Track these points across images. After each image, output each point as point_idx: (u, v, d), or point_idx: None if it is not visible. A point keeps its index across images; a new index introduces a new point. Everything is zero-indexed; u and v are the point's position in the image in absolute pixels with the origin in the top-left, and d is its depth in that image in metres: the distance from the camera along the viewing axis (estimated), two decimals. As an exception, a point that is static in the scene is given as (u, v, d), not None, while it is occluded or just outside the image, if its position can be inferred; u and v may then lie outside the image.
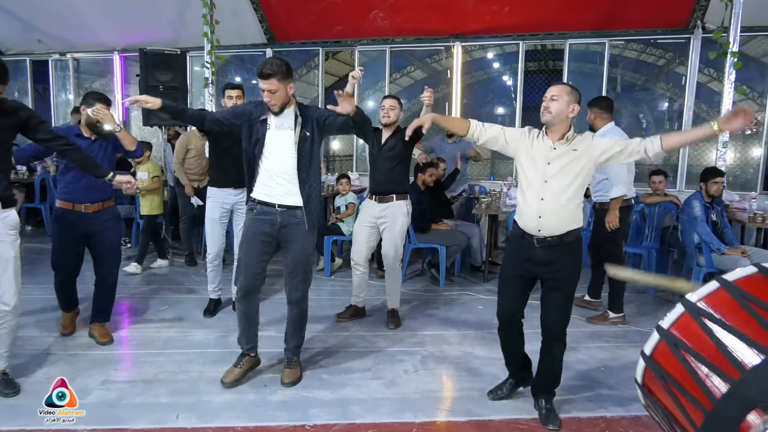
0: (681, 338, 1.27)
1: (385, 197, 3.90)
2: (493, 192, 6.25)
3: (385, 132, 3.93)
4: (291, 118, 2.86)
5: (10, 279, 2.72)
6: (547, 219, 2.58)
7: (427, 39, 7.38)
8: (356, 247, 4.02)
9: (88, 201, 3.36)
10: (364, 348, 3.59)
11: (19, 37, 8.74)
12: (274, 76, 2.72)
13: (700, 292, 1.28)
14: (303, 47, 8.02)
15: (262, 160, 2.87)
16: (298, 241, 2.92)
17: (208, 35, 6.30)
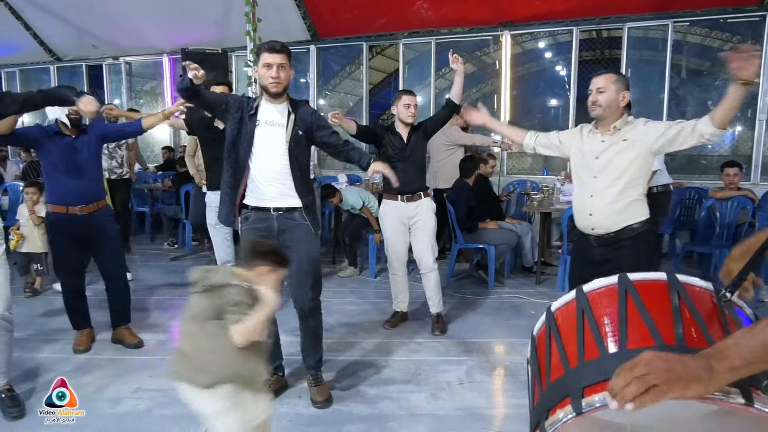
0: (556, 321, 1.28)
1: (414, 196, 3.71)
2: (545, 188, 5.90)
3: (404, 130, 3.72)
4: (283, 114, 2.63)
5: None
6: (598, 216, 2.48)
7: (474, 29, 7.07)
8: (393, 253, 3.83)
9: (81, 203, 3.23)
10: (404, 357, 3.39)
11: (76, 44, 9.04)
12: (285, 51, 2.54)
13: (594, 284, 1.27)
14: (347, 42, 7.88)
15: (252, 160, 2.60)
16: (302, 245, 2.66)
17: (250, 33, 6.24)
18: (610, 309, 1.20)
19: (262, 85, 2.58)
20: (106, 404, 2.77)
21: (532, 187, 6.33)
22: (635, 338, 1.11)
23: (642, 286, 1.23)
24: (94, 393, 2.88)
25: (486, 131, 6.01)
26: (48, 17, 8.56)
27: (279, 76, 2.52)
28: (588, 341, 1.16)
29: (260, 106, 2.62)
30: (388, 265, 3.89)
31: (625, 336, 1.12)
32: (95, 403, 2.78)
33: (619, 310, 1.17)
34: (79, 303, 3.45)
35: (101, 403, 2.78)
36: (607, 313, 1.20)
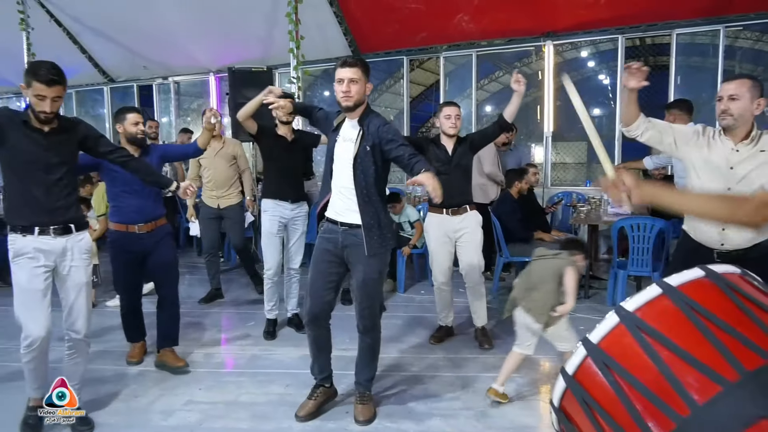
0: (612, 357, 1.02)
1: (460, 209, 3.68)
2: (592, 199, 5.76)
3: (448, 142, 3.70)
4: (354, 130, 2.64)
5: (82, 306, 2.65)
6: (732, 231, 2.31)
7: (515, 40, 7.00)
8: (437, 267, 3.78)
9: (141, 221, 3.29)
10: (452, 373, 3.34)
11: (127, 65, 9.41)
12: (358, 66, 2.56)
13: (638, 300, 1.04)
14: (387, 57, 7.93)
15: (332, 174, 2.70)
16: (360, 265, 2.66)
17: (293, 51, 6.35)
18: (679, 327, 0.99)
19: (337, 101, 2.62)
20: (158, 416, 2.83)
21: (578, 198, 6.19)
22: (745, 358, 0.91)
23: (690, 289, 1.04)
24: (147, 405, 2.94)
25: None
26: (102, 41, 8.96)
27: (349, 90, 2.55)
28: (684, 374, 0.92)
29: (343, 122, 2.69)
30: (433, 279, 3.86)
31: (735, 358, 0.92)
32: (147, 414, 2.84)
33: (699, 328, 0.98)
34: (135, 318, 3.52)
35: (153, 415, 2.84)
36: (680, 333, 0.99)
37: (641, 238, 4.22)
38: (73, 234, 2.60)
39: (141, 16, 8.05)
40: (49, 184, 2.51)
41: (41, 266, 2.51)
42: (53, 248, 2.53)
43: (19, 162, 2.48)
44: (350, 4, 7.05)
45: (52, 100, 2.41)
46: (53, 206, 2.52)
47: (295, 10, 6.16)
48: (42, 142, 2.48)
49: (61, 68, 2.48)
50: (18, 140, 2.45)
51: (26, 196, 2.50)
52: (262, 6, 7.21)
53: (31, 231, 2.50)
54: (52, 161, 2.51)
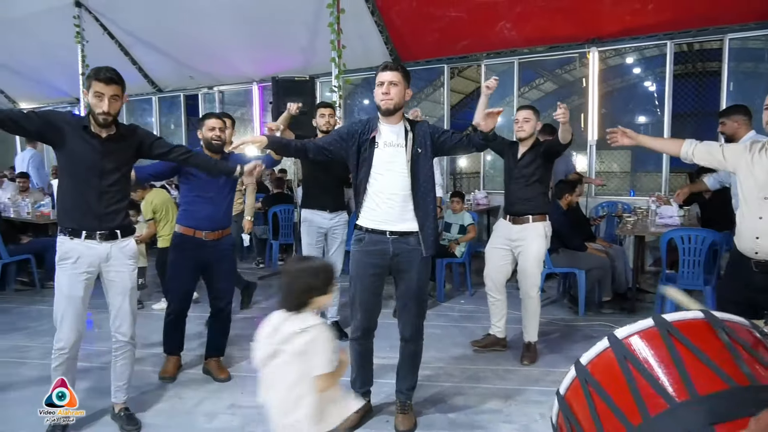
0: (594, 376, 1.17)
1: (520, 218, 3.56)
2: (639, 209, 5.60)
3: (521, 146, 3.61)
4: (401, 134, 2.62)
5: (127, 310, 2.69)
6: (765, 240, 2.32)
7: (558, 47, 6.91)
8: (489, 272, 3.72)
9: (208, 228, 3.29)
10: (494, 385, 3.28)
11: (175, 75, 9.73)
12: (399, 70, 2.56)
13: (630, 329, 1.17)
14: (428, 65, 7.94)
15: (371, 182, 2.60)
16: (413, 271, 2.64)
17: (335, 60, 6.44)
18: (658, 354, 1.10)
19: (377, 104, 2.60)
20: (203, 419, 2.88)
21: (624, 208, 6.03)
22: (703, 383, 1.02)
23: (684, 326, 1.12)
24: (192, 407, 3.00)
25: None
26: (152, 52, 9.30)
27: (389, 92, 2.53)
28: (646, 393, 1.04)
29: (378, 128, 2.62)
30: (485, 281, 3.79)
31: (690, 381, 1.02)
32: (192, 416, 2.90)
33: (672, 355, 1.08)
34: (177, 328, 3.46)
35: (198, 417, 2.89)
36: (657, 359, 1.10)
37: (692, 251, 4.07)
38: (119, 240, 2.62)
39: (189, 29, 8.32)
40: (102, 189, 2.54)
41: (83, 272, 2.55)
42: (98, 253, 2.57)
43: (75, 166, 2.52)
44: (391, 14, 7.10)
45: (110, 99, 2.45)
46: (103, 212, 2.55)
47: (338, 20, 6.25)
48: (99, 148, 2.52)
49: (119, 73, 2.53)
50: (76, 145, 2.50)
51: (78, 200, 2.54)
52: (304, 17, 7.34)
53: (79, 234, 2.53)
54: (107, 167, 2.54)
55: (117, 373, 2.78)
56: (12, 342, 3.99)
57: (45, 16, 8.96)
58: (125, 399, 2.82)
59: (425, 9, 6.81)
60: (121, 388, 2.80)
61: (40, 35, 9.29)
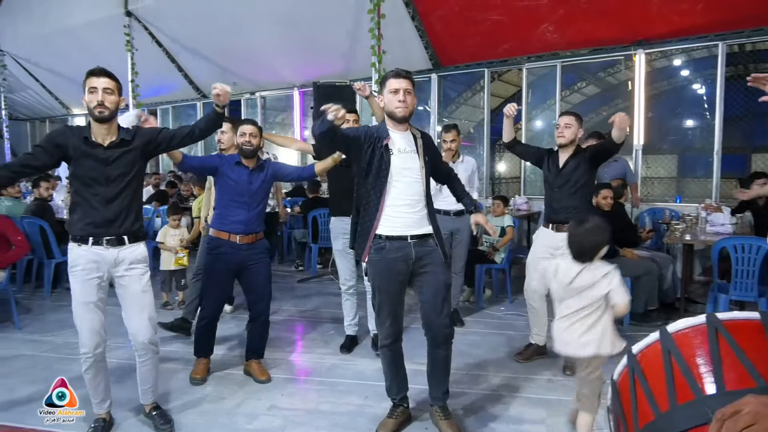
0: (640, 365, 1.22)
1: (564, 226, 3.43)
2: (688, 217, 5.40)
3: (562, 153, 3.54)
4: (411, 141, 2.67)
5: (140, 314, 2.65)
6: None
7: (603, 50, 6.75)
8: (531, 282, 3.63)
9: (242, 232, 3.31)
10: (534, 395, 3.21)
11: (218, 81, 9.89)
12: (410, 78, 2.59)
13: (682, 324, 1.20)
14: (468, 69, 7.89)
15: (388, 190, 2.58)
16: (437, 272, 2.64)
17: (375, 65, 6.48)
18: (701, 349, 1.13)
19: (389, 111, 2.60)
20: (243, 419, 2.92)
21: (672, 215, 5.83)
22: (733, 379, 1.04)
23: (733, 325, 1.15)
24: (232, 408, 3.05)
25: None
26: (197, 59, 9.57)
27: (406, 100, 2.56)
28: (679, 383, 1.09)
29: (390, 136, 2.61)
30: (524, 290, 3.73)
31: (722, 377, 1.05)
32: (233, 417, 2.94)
33: (711, 350, 1.10)
34: (209, 331, 3.49)
35: (239, 417, 2.93)
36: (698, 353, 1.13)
37: (746, 260, 3.89)
38: (126, 245, 2.59)
39: (232, 36, 8.53)
40: (109, 197, 2.53)
41: (94, 278, 2.55)
42: (105, 259, 2.55)
43: (80, 176, 2.52)
44: (432, 18, 7.10)
45: (103, 92, 2.45)
46: (109, 218, 2.54)
47: (378, 26, 6.29)
48: (102, 156, 2.51)
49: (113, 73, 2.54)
50: (80, 156, 2.49)
51: (85, 207, 2.53)
52: (345, 23, 7.41)
53: (86, 241, 2.53)
54: (111, 174, 2.53)
55: (141, 377, 2.78)
56: (64, 339, 4.14)
57: (97, 25, 9.36)
58: (153, 399, 2.83)
59: (466, 13, 6.78)
60: (148, 390, 2.80)
61: (92, 43, 9.69)
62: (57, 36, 10.13)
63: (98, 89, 2.46)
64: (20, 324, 4.51)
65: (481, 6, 6.62)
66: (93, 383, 2.65)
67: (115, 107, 2.52)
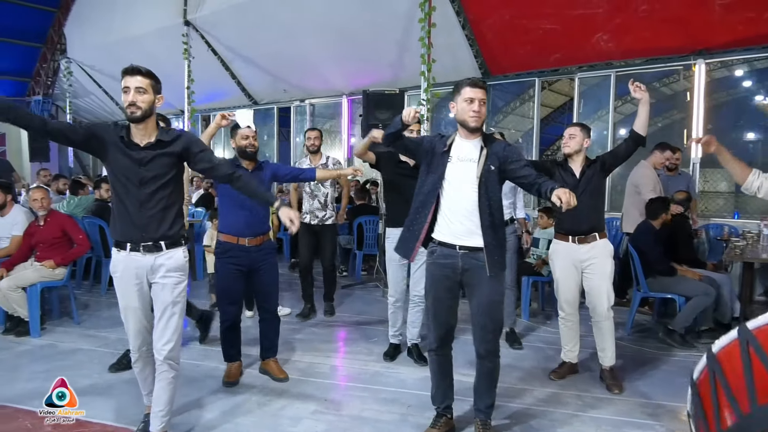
0: (720, 364, 1.19)
1: (588, 237, 3.41)
2: (748, 233, 5.15)
3: (574, 163, 3.46)
4: (476, 150, 2.61)
5: (165, 327, 2.49)
6: None
7: (660, 59, 6.54)
8: (562, 296, 3.55)
9: (249, 235, 3.37)
10: (581, 411, 3.12)
11: (269, 89, 10.22)
12: (485, 87, 2.58)
13: (762, 320, 1.18)
14: (518, 78, 7.80)
15: (443, 196, 2.62)
16: (483, 287, 2.59)
17: (425, 74, 6.49)
18: None
19: (461, 120, 2.59)
20: (287, 422, 2.96)
21: (731, 231, 5.58)
22: None
23: None
24: (277, 410, 3.10)
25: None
26: (250, 67, 9.83)
27: (480, 110, 2.54)
28: (760, 381, 1.06)
29: (454, 143, 2.64)
30: (558, 308, 3.65)
31: None
32: (278, 420, 2.99)
33: None
34: (234, 334, 3.51)
35: (283, 420, 2.98)
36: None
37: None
38: (164, 251, 2.48)
39: (284, 45, 8.72)
40: (142, 199, 2.43)
41: (133, 284, 2.48)
42: (142, 265, 2.47)
43: (116, 177, 2.44)
44: (483, 27, 7.06)
45: (136, 90, 2.35)
46: (144, 222, 2.44)
47: (428, 35, 6.31)
48: (136, 156, 2.42)
49: (151, 70, 2.45)
50: (116, 155, 2.42)
51: (122, 211, 2.46)
52: (394, 32, 7.47)
53: (124, 247, 2.47)
54: (146, 176, 2.42)
55: (155, 394, 2.58)
56: (117, 335, 4.29)
57: (158, 34, 9.76)
58: (163, 426, 2.57)
59: (518, 22, 6.71)
60: (157, 414, 2.55)
61: (152, 51, 10.10)
62: (120, 44, 10.62)
63: (130, 88, 2.36)
64: (78, 319, 4.73)
65: (534, 15, 6.54)
66: (141, 375, 2.67)
67: (149, 106, 2.39)
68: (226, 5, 8.79)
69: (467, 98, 2.54)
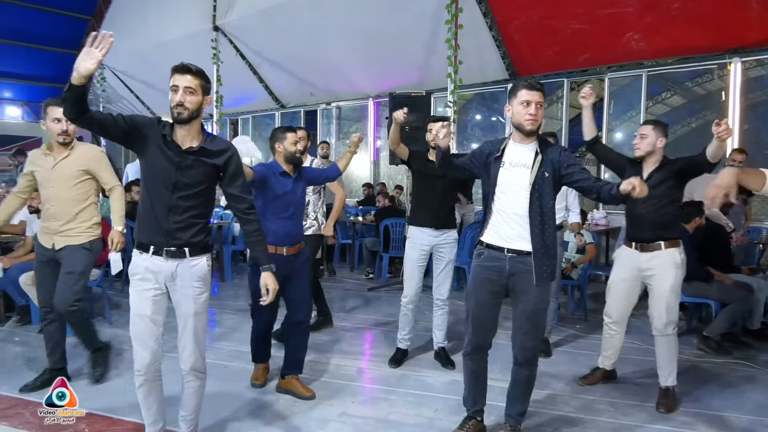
0: None
1: (651, 245, 3.21)
2: (787, 237, 4.99)
3: (646, 165, 3.25)
4: (530, 155, 2.55)
5: (188, 338, 2.40)
6: None
7: (694, 58, 6.39)
8: (613, 304, 3.39)
9: (289, 243, 3.26)
10: (616, 420, 3.05)
11: (297, 92, 10.32)
12: (543, 90, 2.51)
13: None
14: (546, 79, 7.70)
15: (495, 200, 2.59)
16: (529, 293, 2.54)
17: (451, 76, 6.46)
18: None
19: (517, 123, 2.54)
20: (314, 424, 2.96)
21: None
22: None
23: None
24: (305, 411, 3.10)
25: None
26: (277, 71, 9.95)
27: (537, 114, 2.49)
28: None
29: (507, 147, 2.61)
30: (604, 314, 3.49)
31: None
32: (305, 422, 2.99)
33: None
34: (265, 341, 3.47)
35: (310, 422, 2.98)
36: None
37: None
38: (187, 259, 2.35)
39: (311, 49, 8.80)
40: (172, 204, 2.31)
41: (151, 289, 2.34)
42: (163, 270, 2.34)
43: (150, 176, 2.33)
44: (510, 28, 7.01)
45: (184, 90, 2.23)
46: (171, 227, 2.31)
47: (455, 36, 6.27)
48: (176, 159, 2.29)
49: (203, 70, 2.33)
50: (154, 153, 2.30)
51: (149, 213, 2.34)
52: (421, 34, 7.46)
53: (147, 249, 2.34)
54: (181, 181, 2.30)
55: (182, 401, 2.54)
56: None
57: (188, 39, 9.94)
58: (191, 429, 2.58)
59: (546, 22, 6.64)
60: (185, 418, 2.55)
61: (182, 57, 10.14)
62: (151, 50, 10.86)
63: (179, 88, 2.24)
64: (111, 318, 4.84)
65: (562, 15, 6.46)
66: (146, 403, 2.44)
67: (197, 108, 2.28)
68: (254, 10, 8.90)
69: (523, 101, 2.49)
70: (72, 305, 3.20)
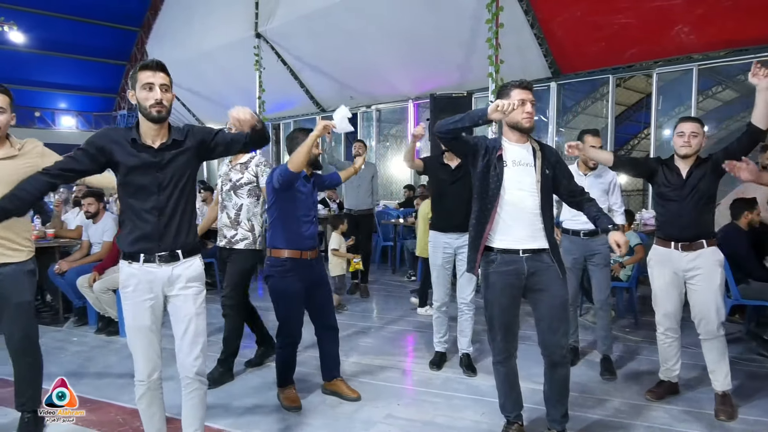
0: None
1: (693, 244, 3.09)
2: None
3: (682, 163, 3.12)
4: (529, 153, 2.57)
5: (192, 340, 2.32)
6: None
7: (748, 50, 6.12)
8: (661, 308, 3.25)
9: (311, 248, 3.17)
10: (659, 424, 2.94)
11: (337, 96, 10.42)
12: (532, 88, 2.56)
13: None
14: (590, 76, 7.54)
15: (500, 202, 2.53)
16: (552, 288, 2.54)
17: (492, 75, 6.39)
18: None
19: (513, 122, 2.54)
20: (360, 425, 2.97)
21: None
22: None
23: None
24: (351, 413, 3.12)
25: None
26: (317, 75, 10.07)
27: (532, 111, 2.53)
28: None
29: (503, 148, 2.58)
30: (656, 322, 3.33)
31: None
32: (351, 423, 3.01)
33: None
34: (294, 356, 3.29)
35: (356, 423, 2.99)
36: None
37: None
38: (181, 261, 2.29)
39: (350, 52, 8.87)
40: (161, 206, 2.24)
41: (146, 300, 2.26)
42: (158, 277, 2.26)
43: (131, 184, 2.22)
44: (552, 25, 6.88)
45: (161, 88, 2.18)
46: (163, 231, 2.24)
47: (496, 35, 6.21)
48: (153, 159, 2.21)
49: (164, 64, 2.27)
50: (128, 161, 2.19)
51: (134, 220, 2.24)
52: (461, 34, 7.41)
53: (137, 258, 2.24)
54: (164, 180, 2.24)
55: (186, 413, 2.39)
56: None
57: (231, 47, 10.19)
58: None
59: (590, 18, 6.49)
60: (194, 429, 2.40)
61: (226, 64, 10.57)
62: (196, 58, 11.18)
63: (155, 85, 2.17)
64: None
65: (607, 10, 6.31)
66: (147, 414, 2.37)
67: (171, 105, 2.24)
68: (295, 16, 9.05)
69: (519, 100, 2.49)
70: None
